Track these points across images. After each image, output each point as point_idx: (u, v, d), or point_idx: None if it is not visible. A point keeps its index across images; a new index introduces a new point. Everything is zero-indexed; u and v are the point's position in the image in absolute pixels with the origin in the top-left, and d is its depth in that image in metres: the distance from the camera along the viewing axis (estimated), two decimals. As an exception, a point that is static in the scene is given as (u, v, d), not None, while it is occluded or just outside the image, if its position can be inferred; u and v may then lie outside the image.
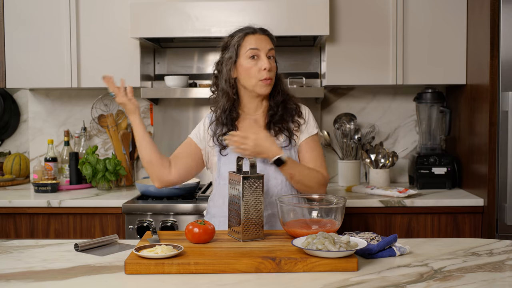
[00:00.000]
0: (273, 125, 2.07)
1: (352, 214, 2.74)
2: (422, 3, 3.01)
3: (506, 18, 2.65)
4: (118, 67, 3.08)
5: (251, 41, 2.03)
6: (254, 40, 2.03)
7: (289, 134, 2.08)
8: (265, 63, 2.00)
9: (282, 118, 2.08)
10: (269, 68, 2.00)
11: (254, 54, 2.02)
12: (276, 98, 2.09)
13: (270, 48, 2.04)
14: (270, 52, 2.04)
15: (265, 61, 2.01)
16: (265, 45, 2.03)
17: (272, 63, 2.04)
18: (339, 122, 3.32)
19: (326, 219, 1.78)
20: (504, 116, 2.65)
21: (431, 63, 3.03)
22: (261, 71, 2.00)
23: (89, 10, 3.09)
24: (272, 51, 2.05)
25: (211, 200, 2.14)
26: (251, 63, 2.01)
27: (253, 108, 2.10)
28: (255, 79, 2.01)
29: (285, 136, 2.08)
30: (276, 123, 2.07)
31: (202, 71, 3.43)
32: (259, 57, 2.02)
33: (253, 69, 2.01)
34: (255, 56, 2.02)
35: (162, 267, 1.50)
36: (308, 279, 1.45)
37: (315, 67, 3.39)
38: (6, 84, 3.12)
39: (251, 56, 2.02)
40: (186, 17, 2.90)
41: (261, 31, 2.07)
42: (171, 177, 2.08)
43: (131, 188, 3.28)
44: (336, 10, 3.01)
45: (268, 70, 2.00)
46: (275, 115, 2.08)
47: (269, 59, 2.02)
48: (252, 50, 2.02)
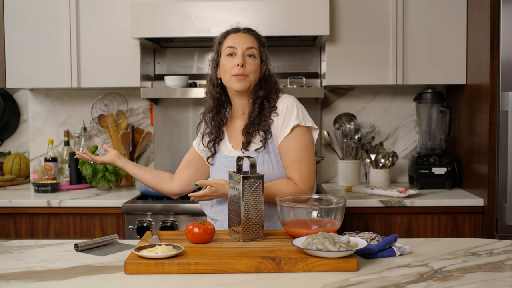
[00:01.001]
0: (249, 126, 2.01)
1: (352, 214, 2.74)
2: (422, 3, 3.01)
3: (506, 18, 2.65)
4: (118, 67, 3.09)
5: (230, 40, 2.03)
6: (233, 38, 2.03)
7: (265, 135, 1.99)
8: (238, 59, 1.99)
9: (256, 118, 2.01)
10: (241, 63, 1.98)
11: (231, 52, 2.01)
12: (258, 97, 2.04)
13: (249, 46, 2.01)
14: (249, 51, 2.01)
15: (239, 57, 1.99)
16: (243, 43, 2.01)
17: (251, 61, 2.01)
18: (339, 122, 3.32)
19: (326, 219, 1.78)
20: (504, 116, 2.65)
21: (431, 63, 3.03)
22: (235, 67, 1.99)
23: (89, 10, 3.09)
24: (252, 50, 2.02)
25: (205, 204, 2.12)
26: (227, 60, 2.02)
27: (240, 107, 2.08)
28: (228, 75, 2.01)
29: (260, 138, 2.00)
30: (250, 124, 2.01)
31: (202, 71, 3.42)
32: (235, 54, 2.01)
33: (228, 65, 2.01)
34: (233, 54, 2.02)
35: (162, 267, 1.50)
36: (308, 279, 1.45)
37: (315, 67, 3.39)
38: (6, 84, 3.12)
39: (229, 54, 2.02)
40: (186, 17, 2.90)
41: (245, 30, 2.06)
42: (175, 189, 2.19)
43: (131, 188, 3.28)
44: (336, 10, 3.01)
45: (241, 66, 1.98)
46: (252, 114, 2.03)
47: (249, 57, 2.00)
48: (229, 48, 2.01)
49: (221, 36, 2.07)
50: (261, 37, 2.09)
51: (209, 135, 2.10)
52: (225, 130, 2.11)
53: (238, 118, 2.10)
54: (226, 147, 2.09)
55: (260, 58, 2.05)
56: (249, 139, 2.01)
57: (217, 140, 2.09)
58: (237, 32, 2.06)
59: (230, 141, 2.09)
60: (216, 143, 2.10)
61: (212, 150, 2.09)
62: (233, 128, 2.10)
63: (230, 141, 2.09)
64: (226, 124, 2.12)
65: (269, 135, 2.00)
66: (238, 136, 2.07)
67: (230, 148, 2.07)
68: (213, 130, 2.09)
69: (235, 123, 2.10)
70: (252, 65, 2.01)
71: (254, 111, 2.03)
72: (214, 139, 2.08)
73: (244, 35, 2.04)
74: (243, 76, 1.99)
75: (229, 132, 2.11)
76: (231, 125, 2.11)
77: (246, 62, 2.00)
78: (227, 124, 2.12)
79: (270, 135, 2.00)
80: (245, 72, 1.99)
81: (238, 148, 2.05)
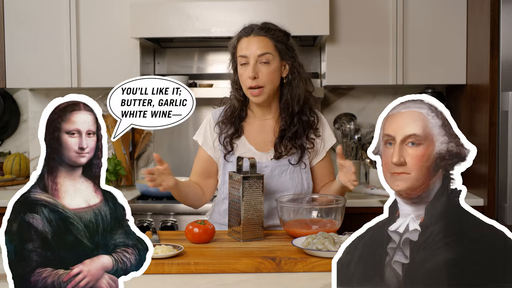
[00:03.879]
0: (285, 140, 1.96)
1: (352, 214, 2.74)
2: (422, 3, 3.01)
3: (506, 18, 2.65)
4: (118, 67, 3.08)
5: (242, 47, 1.94)
6: (245, 45, 1.93)
7: (301, 153, 1.97)
8: (250, 71, 1.90)
9: (295, 135, 1.96)
10: (252, 76, 1.89)
11: (244, 62, 1.93)
12: (289, 106, 1.96)
13: (261, 53, 1.90)
14: (261, 58, 1.91)
15: (250, 68, 1.90)
16: (255, 50, 1.91)
17: (265, 69, 1.91)
18: (339, 122, 3.32)
19: (326, 219, 1.78)
20: (504, 116, 2.65)
21: (431, 63, 3.03)
22: (248, 79, 1.91)
23: (89, 10, 3.09)
24: (266, 56, 1.91)
25: (216, 205, 2.09)
26: (242, 69, 1.94)
27: (261, 111, 2.02)
28: (245, 86, 1.94)
29: (297, 156, 1.98)
30: (289, 139, 1.96)
31: (202, 71, 3.43)
32: (248, 63, 1.92)
33: (243, 75, 1.93)
34: (246, 63, 1.93)
35: (162, 267, 1.50)
36: (308, 279, 1.45)
37: (315, 67, 3.39)
38: (6, 84, 3.12)
39: (242, 63, 1.94)
40: (186, 17, 2.90)
41: (258, 31, 1.94)
42: (206, 200, 2.09)
43: (131, 188, 3.28)
44: (336, 10, 3.01)
45: (253, 78, 1.90)
46: (288, 128, 1.96)
47: (263, 65, 1.91)
48: (241, 57, 1.94)
49: (234, 39, 1.99)
50: (278, 34, 1.96)
51: (226, 132, 2.01)
52: (243, 126, 2.04)
53: (255, 118, 2.03)
54: (244, 147, 2.00)
55: (279, 58, 1.95)
56: (281, 154, 1.96)
57: (235, 135, 2.00)
58: (249, 35, 1.94)
59: (250, 142, 2.01)
60: (233, 139, 2.01)
61: (229, 147, 1.99)
62: (251, 130, 2.03)
63: (249, 141, 2.01)
64: (244, 121, 2.05)
65: (307, 155, 2.00)
66: (259, 137, 2.01)
67: (253, 150, 1.99)
68: (231, 126, 2.01)
69: (252, 123, 2.04)
70: (266, 74, 1.91)
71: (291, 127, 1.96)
72: (231, 134, 2.00)
73: (256, 38, 1.93)
74: (258, 89, 1.91)
75: (247, 132, 2.03)
76: (247, 125, 2.04)
77: (259, 71, 1.90)
78: (244, 121, 2.05)
79: (308, 155, 2.01)
80: (259, 83, 1.90)
81: (263, 149, 2.00)
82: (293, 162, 1.97)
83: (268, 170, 1.95)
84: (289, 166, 1.97)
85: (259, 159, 1.95)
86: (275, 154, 1.96)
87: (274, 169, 1.96)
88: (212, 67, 3.44)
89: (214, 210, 2.09)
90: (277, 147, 1.96)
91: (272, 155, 1.97)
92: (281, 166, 1.96)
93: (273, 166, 1.96)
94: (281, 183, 1.95)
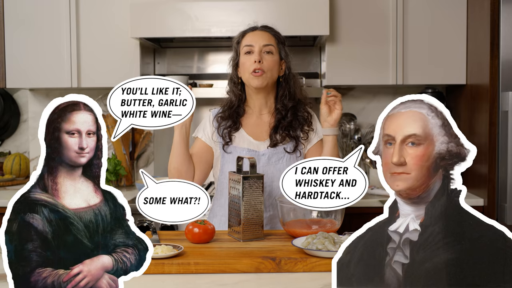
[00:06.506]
0: (280, 130, 2.07)
1: (352, 214, 2.74)
2: (422, 3, 3.01)
3: (506, 18, 2.65)
4: (118, 67, 3.09)
5: (248, 39, 2.07)
6: (250, 37, 2.07)
7: (296, 143, 2.08)
8: (255, 56, 2.02)
9: (290, 125, 2.08)
10: (258, 59, 2.01)
11: (248, 50, 2.05)
12: (284, 101, 2.09)
13: (266, 43, 2.05)
14: (266, 48, 2.04)
15: (256, 54, 2.03)
16: (260, 41, 2.05)
17: (269, 57, 2.04)
18: (339, 122, 3.31)
19: (326, 219, 1.78)
20: (504, 116, 2.65)
21: (431, 63, 3.03)
22: (252, 63, 2.03)
23: (89, 10, 3.09)
24: (270, 47, 2.05)
25: (215, 198, 2.14)
26: (246, 58, 2.05)
27: (258, 106, 2.12)
28: (247, 73, 2.04)
29: (292, 144, 2.08)
30: (284, 128, 2.07)
31: (202, 71, 3.43)
32: (253, 52, 2.05)
33: (246, 63, 2.05)
34: (250, 52, 2.05)
35: (162, 267, 1.50)
36: (308, 279, 1.45)
37: (315, 67, 3.39)
38: (6, 84, 3.12)
39: (246, 52, 2.06)
40: (186, 17, 2.90)
41: (262, 28, 2.10)
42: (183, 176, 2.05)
43: (131, 188, 3.28)
44: (336, 10, 3.01)
45: (258, 62, 2.01)
46: (283, 119, 2.08)
47: (267, 54, 2.04)
48: (247, 46, 2.06)
49: (239, 35, 2.12)
50: (279, 34, 2.12)
51: (225, 124, 2.10)
52: (241, 121, 2.13)
53: (252, 114, 2.13)
54: (242, 138, 2.09)
55: (279, 55, 2.08)
56: (276, 142, 2.05)
57: (233, 127, 2.09)
58: (254, 30, 2.10)
59: (247, 133, 2.10)
60: (232, 132, 2.09)
61: (227, 138, 2.08)
62: (248, 123, 2.12)
63: (247, 132, 2.10)
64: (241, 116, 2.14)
65: (301, 145, 2.09)
66: (256, 129, 2.10)
67: (250, 139, 2.08)
68: (230, 120, 2.10)
69: (249, 118, 2.13)
70: (270, 62, 2.04)
71: (286, 117, 2.07)
72: (230, 126, 2.09)
73: (261, 32, 2.08)
74: (261, 72, 2.02)
75: (245, 125, 2.12)
76: (245, 120, 2.13)
77: (264, 58, 2.03)
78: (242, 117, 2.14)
79: (303, 146, 2.09)
80: (263, 68, 2.02)
81: (260, 139, 2.08)
82: (289, 150, 2.07)
83: (265, 158, 2.05)
84: (285, 154, 2.06)
85: (256, 148, 2.07)
86: (271, 142, 2.07)
87: (271, 156, 2.05)
88: (212, 67, 3.44)
89: (214, 203, 2.13)
90: (272, 136, 2.07)
91: (269, 143, 2.07)
92: (278, 153, 2.06)
93: (270, 154, 2.06)
94: (278, 170, 2.02)
